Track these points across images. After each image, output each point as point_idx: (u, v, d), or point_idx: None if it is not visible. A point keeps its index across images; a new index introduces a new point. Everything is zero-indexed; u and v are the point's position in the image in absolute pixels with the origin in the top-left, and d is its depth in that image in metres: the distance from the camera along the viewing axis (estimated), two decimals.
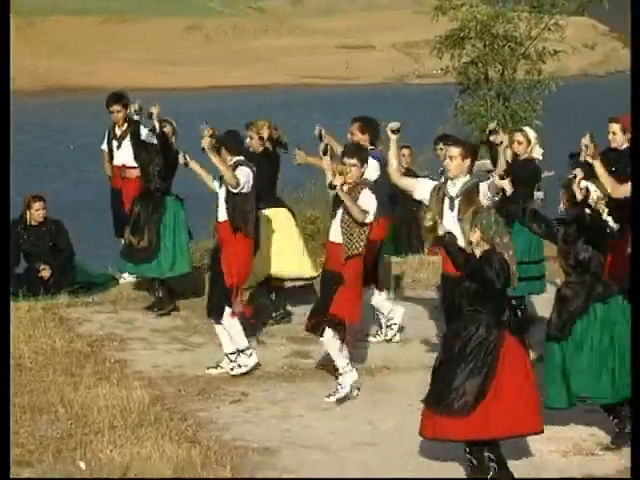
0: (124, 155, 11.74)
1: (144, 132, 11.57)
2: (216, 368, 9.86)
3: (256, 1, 79.26)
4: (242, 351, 9.70)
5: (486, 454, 7.62)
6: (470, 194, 8.87)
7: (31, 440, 8.08)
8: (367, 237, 9.31)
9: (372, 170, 9.99)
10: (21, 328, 10.64)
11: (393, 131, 9.31)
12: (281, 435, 8.35)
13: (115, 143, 11.93)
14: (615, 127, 10.29)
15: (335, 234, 9.39)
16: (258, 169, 10.12)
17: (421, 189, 9.21)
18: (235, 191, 9.64)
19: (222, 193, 9.77)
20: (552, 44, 20.54)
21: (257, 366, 9.81)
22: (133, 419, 8.40)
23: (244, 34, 70.17)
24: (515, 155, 10.86)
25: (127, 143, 11.61)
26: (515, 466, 7.82)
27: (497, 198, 8.83)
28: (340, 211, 9.33)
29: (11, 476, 6.73)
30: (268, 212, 11.05)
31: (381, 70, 61.05)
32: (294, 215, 11.82)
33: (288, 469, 7.72)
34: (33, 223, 12.76)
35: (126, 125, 11.76)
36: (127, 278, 12.66)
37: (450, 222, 8.64)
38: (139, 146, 11.67)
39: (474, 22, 20.48)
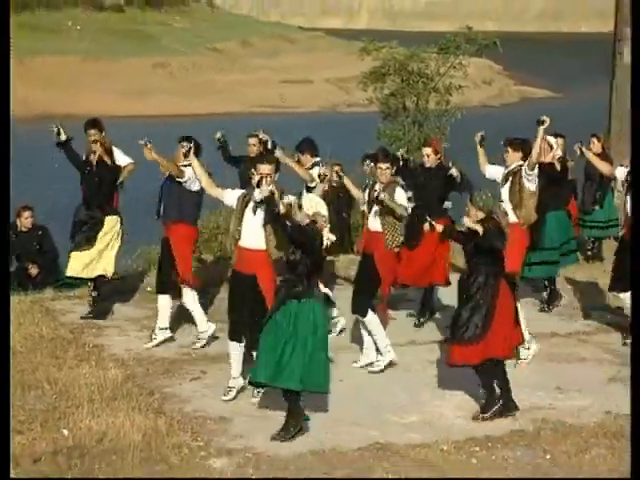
0: None
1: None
2: None
3: (213, 43, 79.09)
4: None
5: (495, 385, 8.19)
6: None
7: (22, 412, 8.01)
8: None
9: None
10: (12, 318, 10.53)
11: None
12: (233, 407, 8.33)
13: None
14: (428, 150, 10.59)
15: (375, 225, 9.38)
16: None
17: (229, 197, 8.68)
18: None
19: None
20: (457, 80, 20.75)
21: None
22: (108, 394, 8.35)
23: (203, 70, 70.02)
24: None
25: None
26: (427, 428, 7.87)
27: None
28: (377, 208, 9.34)
29: (12, 475, 6.62)
30: None
31: (317, 100, 61.16)
32: None
33: (238, 434, 7.70)
34: (23, 229, 12.71)
35: (98, 154, 11.59)
36: None
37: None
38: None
39: (393, 61, 20.62)
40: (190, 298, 10.25)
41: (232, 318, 8.57)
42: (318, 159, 10.91)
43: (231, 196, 8.64)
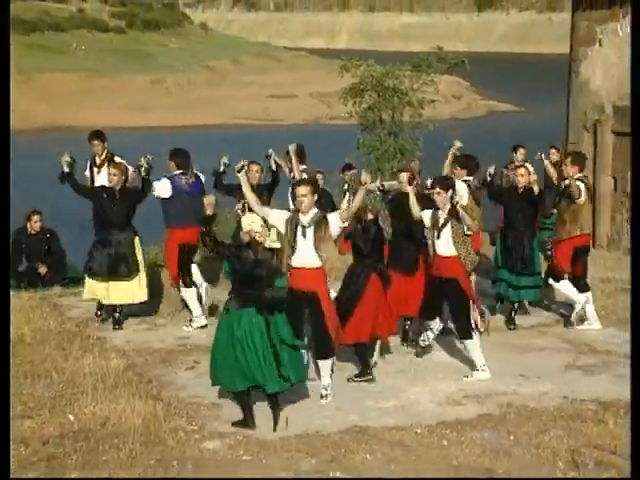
0: (102, 180, 11.57)
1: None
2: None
3: (206, 61, 79.01)
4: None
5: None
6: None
7: (31, 399, 8.00)
8: None
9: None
10: (23, 313, 10.52)
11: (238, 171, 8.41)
12: (224, 394, 8.30)
13: (95, 170, 11.76)
14: (404, 177, 10.22)
15: (444, 249, 8.71)
16: None
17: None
18: None
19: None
20: (429, 95, 20.81)
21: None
22: (110, 382, 8.33)
23: (196, 86, 69.94)
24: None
25: (104, 170, 11.43)
26: (402, 413, 7.88)
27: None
28: (447, 230, 8.71)
29: (12, 473, 6.57)
30: None
31: (301, 114, 61.15)
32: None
33: (230, 419, 7.69)
34: (32, 232, 12.67)
35: (104, 156, 11.59)
36: None
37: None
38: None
39: (370, 78, 20.67)
40: (185, 293, 10.32)
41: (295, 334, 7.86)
42: (304, 167, 10.93)
43: (276, 217, 8.11)
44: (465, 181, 10.57)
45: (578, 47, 17.77)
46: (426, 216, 8.92)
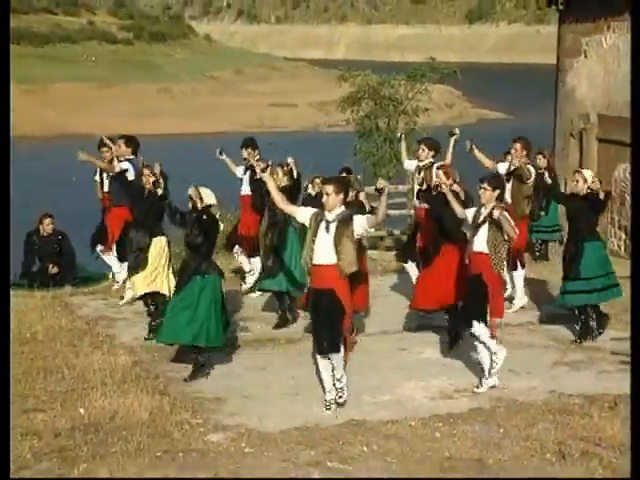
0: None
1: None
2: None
3: (209, 71, 79.04)
4: None
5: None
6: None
7: (44, 393, 8.00)
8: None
9: None
10: (36, 311, 10.53)
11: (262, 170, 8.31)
12: (227, 389, 8.32)
13: (105, 175, 11.77)
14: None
15: (481, 246, 8.34)
16: None
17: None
18: None
19: None
20: (423, 103, 20.85)
21: None
22: (119, 378, 8.33)
23: (201, 95, 69.94)
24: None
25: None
26: (397, 407, 7.88)
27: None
28: (486, 229, 8.35)
29: (26, 464, 6.59)
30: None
31: (301, 121, 61.16)
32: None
33: (232, 413, 7.70)
34: (44, 234, 12.68)
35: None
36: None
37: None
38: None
39: (367, 87, 20.71)
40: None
41: (319, 335, 7.80)
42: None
43: (304, 214, 7.96)
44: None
45: (564, 58, 17.79)
46: (469, 214, 8.65)
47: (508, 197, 10.65)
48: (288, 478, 6.38)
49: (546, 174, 13.04)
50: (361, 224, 7.80)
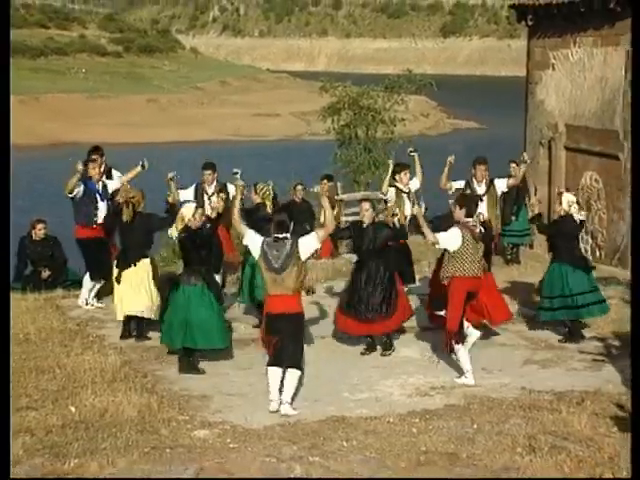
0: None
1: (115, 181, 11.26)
2: None
3: (196, 83, 78.93)
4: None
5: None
6: None
7: (36, 392, 7.95)
8: None
9: None
10: (28, 313, 10.46)
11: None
12: (213, 387, 8.30)
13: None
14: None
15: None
16: None
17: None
18: None
19: None
20: (400, 113, 20.92)
21: None
22: (109, 377, 8.29)
23: (187, 105, 69.80)
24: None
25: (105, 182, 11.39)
26: (375, 404, 7.88)
27: None
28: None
29: (19, 460, 6.53)
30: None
31: (283, 130, 61.15)
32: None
33: (218, 410, 7.67)
34: (37, 239, 12.58)
35: (102, 169, 11.53)
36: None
37: None
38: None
39: (347, 97, 20.76)
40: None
41: (282, 351, 7.77)
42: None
43: (252, 239, 7.84)
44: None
45: (534, 71, 17.89)
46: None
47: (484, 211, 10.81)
48: (277, 478, 6.35)
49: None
50: (307, 247, 7.72)
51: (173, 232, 9.16)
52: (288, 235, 7.72)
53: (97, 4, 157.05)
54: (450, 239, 8.49)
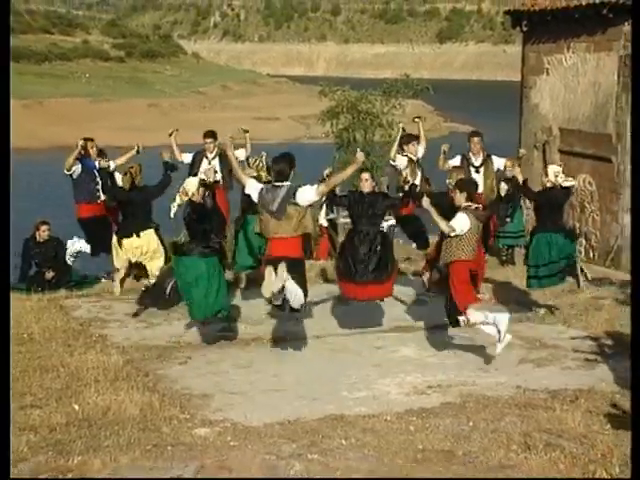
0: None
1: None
2: None
3: (197, 87, 78.96)
4: None
5: None
6: None
7: (40, 390, 7.93)
8: None
9: None
10: (32, 313, 10.45)
11: None
12: (214, 385, 8.29)
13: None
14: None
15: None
16: None
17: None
18: None
19: None
20: (397, 117, 20.92)
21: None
22: (111, 375, 8.28)
23: (189, 109, 69.85)
24: None
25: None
26: (373, 402, 7.88)
27: None
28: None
29: (23, 457, 6.52)
30: None
31: (283, 134, 61.19)
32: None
33: (218, 408, 7.67)
34: (41, 240, 12.58)
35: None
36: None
37: None
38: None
39: (346, 102, 20.78)
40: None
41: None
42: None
43: (252, 186, 8.16)
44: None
45: (528, 75, 17.91)
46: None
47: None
48: (278, 478, 6.35)
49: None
50: (304, 195, 7.95)
51: (176, 202, 9.21)
52: (286, 183, 7.94)
53: (100, 10, 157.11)
54: (462, 225, 8.56)
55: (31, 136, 52.67)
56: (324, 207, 13.88)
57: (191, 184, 9.17)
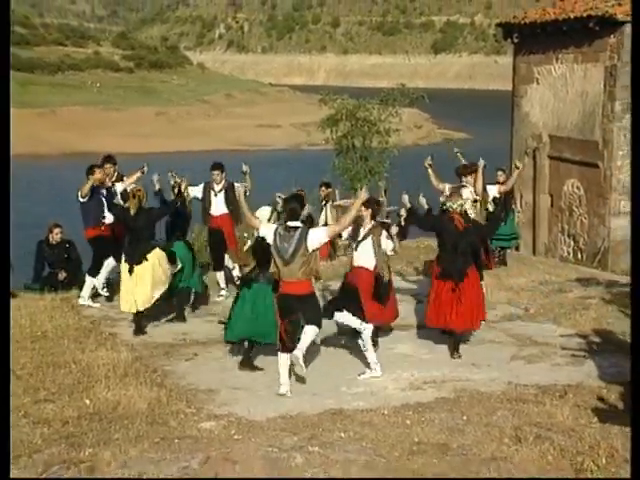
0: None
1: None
2: None
3: (202, 96, 78.97)
4: None
5: None
6: None
7: (53, 385, 7.93)
8: None
9: None
10: (46, 312, 10.46)
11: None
12: (219, 381, 8.29)
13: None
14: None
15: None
16: None
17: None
18: None
19: None
20: (394, 124, 20.91)
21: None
22: (121, 372, 8.28)
23: (195, 117, 69.89)
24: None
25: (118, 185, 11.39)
26: (371, 397, 7.87)
27: None
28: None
29: (37, 449, 6.52)
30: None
31: (285, 140, 61.22)
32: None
33: (223, 403, 7.67)
34: (53, 242, 12.57)
35: (115, 177, 11.54)
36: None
37: None
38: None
39: (345, 110, 20.75)
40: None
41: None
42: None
43: (266, 230, 7.92)
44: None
45: (519, 85, 17.92)
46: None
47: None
48: (286, 478, 6.34)
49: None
50: (316, 236, 7.73)
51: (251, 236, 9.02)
52: (299, 223, 7.78)
53: (111, 23, 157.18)
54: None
55: (44, 143, 52.66)
56: (324, 209, 13.87)
57: (263, 213, 8.69)
